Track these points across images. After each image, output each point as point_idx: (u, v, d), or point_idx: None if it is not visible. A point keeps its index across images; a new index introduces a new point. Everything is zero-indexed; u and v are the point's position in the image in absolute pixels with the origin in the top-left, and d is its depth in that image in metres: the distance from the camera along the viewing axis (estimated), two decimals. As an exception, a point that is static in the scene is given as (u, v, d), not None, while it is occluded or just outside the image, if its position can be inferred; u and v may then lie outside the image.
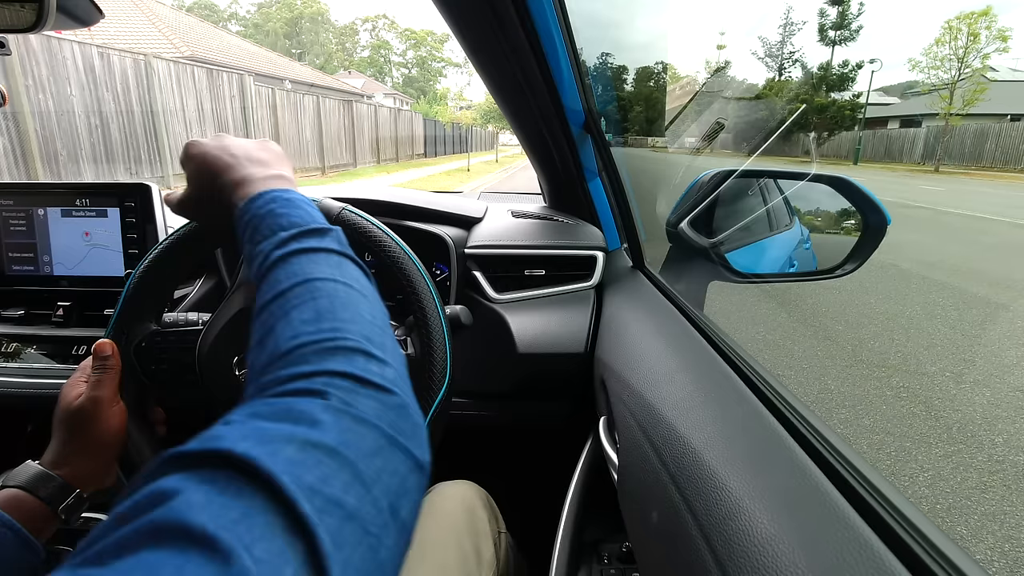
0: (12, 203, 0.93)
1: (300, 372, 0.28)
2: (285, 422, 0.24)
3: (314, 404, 0.26)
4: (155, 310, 0.63)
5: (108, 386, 0.52)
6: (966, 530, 1.47)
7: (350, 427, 0.26)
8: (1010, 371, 2.49)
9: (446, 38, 59.46)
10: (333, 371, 0.28)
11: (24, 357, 0.90)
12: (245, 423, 0.24)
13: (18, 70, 5.43)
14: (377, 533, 0.23)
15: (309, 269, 0.36)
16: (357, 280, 0.38)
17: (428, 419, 0.54)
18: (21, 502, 0.45)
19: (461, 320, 0.64)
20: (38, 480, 0.47)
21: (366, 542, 0.23)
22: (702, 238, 0.95)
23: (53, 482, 0.47)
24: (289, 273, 0.36)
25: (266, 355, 0.31)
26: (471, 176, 13.09)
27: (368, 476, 0.25)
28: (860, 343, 2.80)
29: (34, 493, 0.46)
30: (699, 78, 33.43)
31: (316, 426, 0.24)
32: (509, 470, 0.99)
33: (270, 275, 0.37)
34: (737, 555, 0.30)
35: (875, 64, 24.65)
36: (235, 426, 0.24)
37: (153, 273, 0.59)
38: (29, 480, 0.46)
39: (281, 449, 0.23)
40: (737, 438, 0.40)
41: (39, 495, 0.46)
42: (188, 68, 8.13)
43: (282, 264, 0.37)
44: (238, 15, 59.73)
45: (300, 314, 0.32)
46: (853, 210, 0.93)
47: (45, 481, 0.47)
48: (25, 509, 0.45)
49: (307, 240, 0.39)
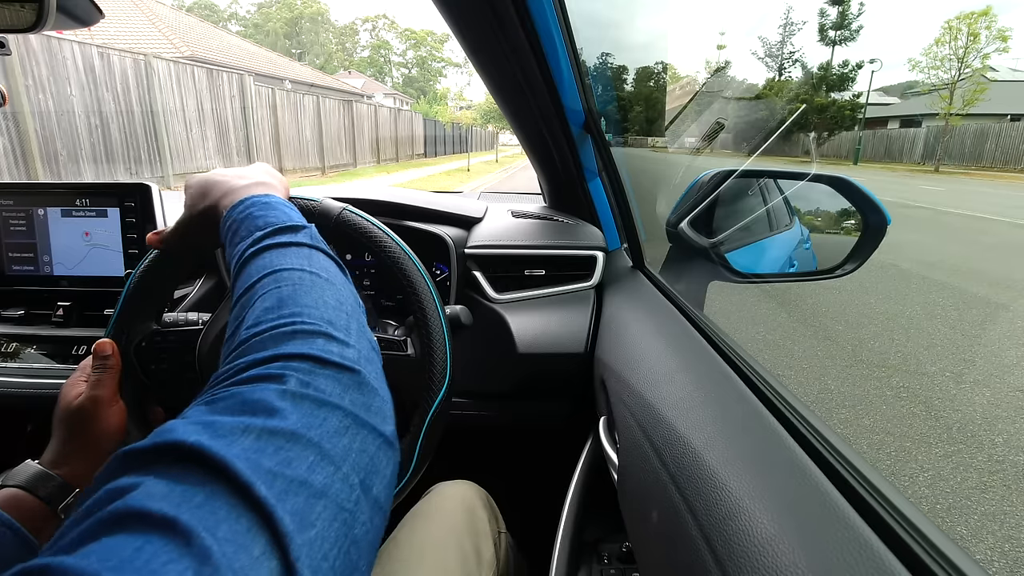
0: (12, 203, 0.93)
1: (257, 359, 0.28)
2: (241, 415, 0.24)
3: (268, 391, 0.25)
4: (155, 310, 0.63)
5: (108, 385, 0.52)
6: (966, 530, 1.47)
7: (311, 410, 0.25)
8: (1010, 371, 2.49)
9: (446, 38, 59.49)
10: (290, 354, 0.28)
11: (24, 357, 0.90)
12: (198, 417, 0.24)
13: (18, 70, 5.43)
14: (351, 509, 0.24)
15: (278, 261, 0.37)
16: (325, 269, 0.38)
17: (428, 419, 0.54)
18: (20, 501, 0.45)
19: (461, 320, 0.64)
20: (38, 479, 0.47)
21: (340, 518, 0.23)
22: (702, 238, 0.95)
23: (53, 481, 0.47)
24: (259, 267, 0.37)
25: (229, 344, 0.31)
26: (471, 176, 13.09)
27: (335, 454, 0.25)
28: (860, 343, 2.80)
29: (33, 492, 0.46)
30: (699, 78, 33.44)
31: (274, 415, 0.24)
32: (509, 470, 0.99)
33: (243, 271, 0.38)
34: (737, 555, 0.30)
35: (875, 64, 24.67)
36: (188, 420, 0.24)
37: (153, 273, 0.59)
38: (28, 479, 0.46)
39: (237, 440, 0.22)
40: (737, 438, 0.40)
41: (38, 494, 0.46)
42: (188, 68, 8.13)
43: (253, 259, 0.38)
44: (238, 15, 59.76)
45: (263, 303, 0.33)
46: (853, 210, 0.93)
47: (45, 480, 0.47)
48: (24, 508, 0.45)
49: (279, 236, 0.40)
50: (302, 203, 0.57)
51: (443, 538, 0.65)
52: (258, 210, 0.43)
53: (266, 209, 0.43)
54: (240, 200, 0.45)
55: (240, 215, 0.43)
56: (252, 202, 0.44)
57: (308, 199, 0.58)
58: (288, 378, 0.26)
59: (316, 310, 0.32)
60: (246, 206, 0.44)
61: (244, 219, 0.42)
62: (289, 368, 0.27)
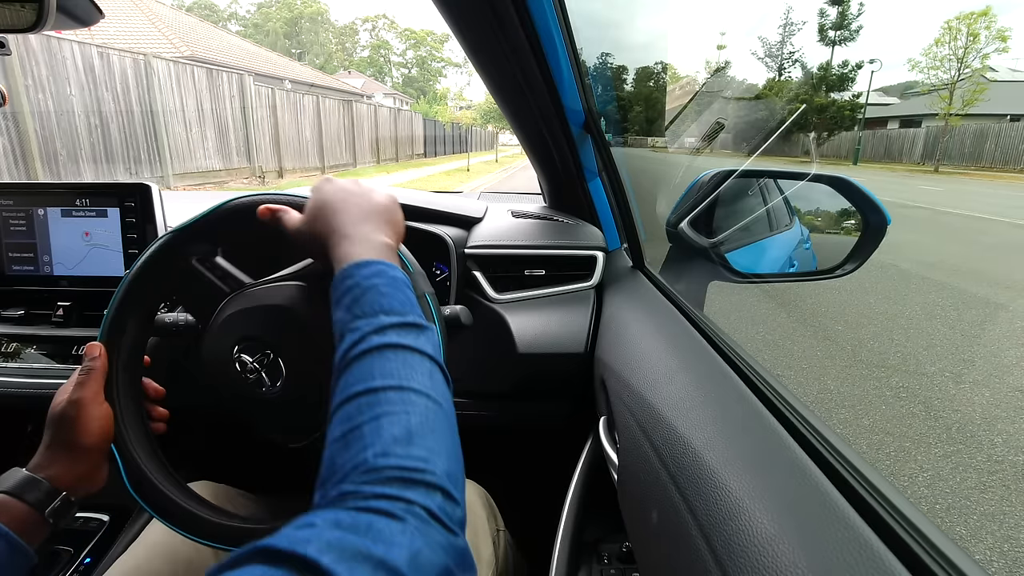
0: (12, 203, 0.93)
1: (385, 493, 0.30)
2: (365, 537, 0.27)
3: (392, 527, 0.29)
4: (151, 309, 0.62)
5: (90, 387, 0.51)
6: (965, 530, 1.47)
7: (420, 553, 0.28)
8: (1009, 371, 2.49)
9: (446, 38, 59.48)
10: (414, 501, 0.31)
11: (24, 357, 0.90)
12: (329, 530, 0.27)
13: (18, 70, 5.43)
14: None
15: (405, 374, 0.37)
16: (445, 397, 0.39)
17: None
18: (8, 507, 0.45)
19: (461, 320, 0.64)
20: (24, 485, 0.47)
21: None
22: (702, 238, 0.96)
23: (40, 486, 0.47)
24: (385, 371, 0.37)
25: (352, 459, 0.33)
26: (471, 176, 13.09)
27: None
28: (860, 343, 2.80)
29: (20, 498, 0.46)
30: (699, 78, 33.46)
31: (392, 548, 0.27)
32: (509, 470, 0.99)
33: (363, 361, 0.38)
34: (737, 555, 0.30)
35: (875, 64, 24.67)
36: (319, 530, 0.27)
37: (149, 272, 0.59)
38: (15, 485, 0.46)
39: (358, 567, 0.26)
40: (737, 438, 0.40)
41: (26, 499, 0.46)
42: (188, 68, 8.12)
43: (378, 355, 0.38)
44: (238, 15, 59.73)
45: (391, 428, 0.34)
46: (853, 210, 0.94)
47: (32, 486, 0.47)
48: (13, 514, 0.45)
49: (406, 335, 0.40)
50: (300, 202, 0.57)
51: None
52: (385, 284, 0.42)
53: (393, 287, 0.42)
54: (367, 261, 0.44)
55: (366, 281, 0.42)
56: (379, 270, 0.43)
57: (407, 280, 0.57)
58: (408, 522, 0.29)
59: (439, 458, 0.34)
60: (372, 273, 0.43)
61: (369, 289, 0.42)
62: (411, 513, 0.30)
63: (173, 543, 0.63)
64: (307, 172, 11.29)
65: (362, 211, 0.49)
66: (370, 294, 0.41)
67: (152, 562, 0.61)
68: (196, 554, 0.63)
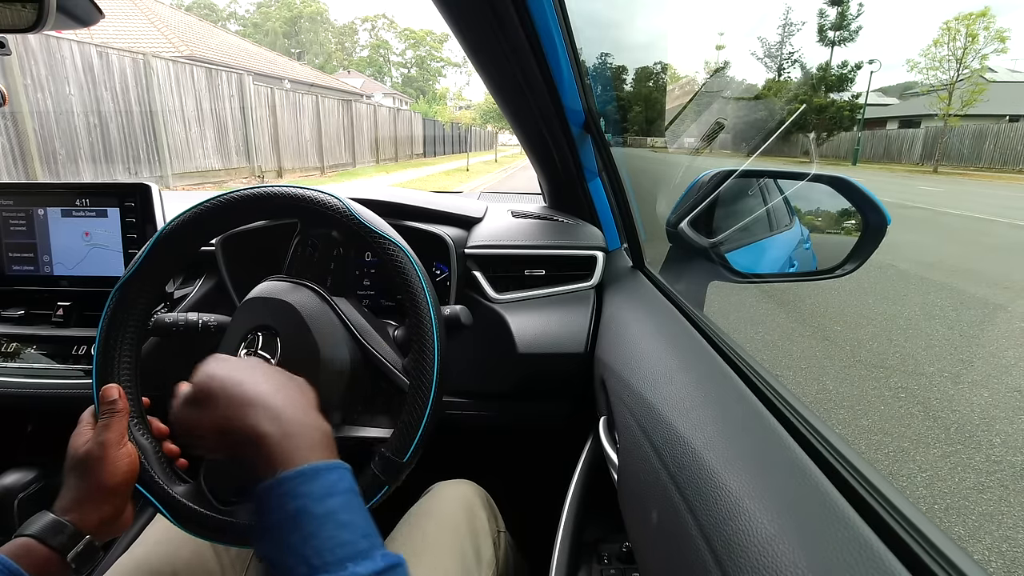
0: (12, 203, 0.93)
1: None
2: None
3: None
4: (148, 309, 0.62)
5: (115, 429, 0.51)
6: (964, 530, 1.48)
7: None
8: (1008, 371, 2.50)
9: (446, 38, 59.44)
10: None
11: (24, 357, 0.90)
12: None
13: (17, 70, 5.42)
14: None
15: None
16: None
17: (424, 420, 0.53)
18: (31, 550, 0.45)
19: (461, 320, 0.64)
20: (49, 529, 0.46)
21: None
22: (702, 238, 0.96)
23: (65, 530, 0.47)
24: None
25: None
26: (470, 176, 13.08)
27: None
28: (859, 343, 2.80)
29: (44, 542, 0.46)
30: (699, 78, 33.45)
31: None
32: (509, 470, 0.99)
33: None
34: (737, 555, 0.30)
35: (874, 65, 24.66)
36: None
37: (145, 272, 0.59)
38: (41, 529, 0.46)
39: None
40: (737, 438, 0.40)
41: (50, 543, 0.46)
42: (187, 68, 8.11)
43: None
44: (237, 14, 59.66)
45: None
46: (853, 210, 0.94)
47: (57, 529, 0.47)
48: (35, 557, 0.45)
49: None
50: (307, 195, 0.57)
51: (442, 538, 0.65)
52: (344, 512, 0.36)
53: (351, 513, 0.36)
54: (314, 469, 0.37)
55: (316, 507, 0.35)
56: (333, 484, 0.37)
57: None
58: None
59: None
60: (326, 489, 0.36)
61: (324, 517, 0.35)
62: None
63: (173, 542, 0.63)
64: (306, 172, 11.28)
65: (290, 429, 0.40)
66: (327, 526, 0.34)
67: (152, 562, 0.61)
68: (196, 554, 0.63)
